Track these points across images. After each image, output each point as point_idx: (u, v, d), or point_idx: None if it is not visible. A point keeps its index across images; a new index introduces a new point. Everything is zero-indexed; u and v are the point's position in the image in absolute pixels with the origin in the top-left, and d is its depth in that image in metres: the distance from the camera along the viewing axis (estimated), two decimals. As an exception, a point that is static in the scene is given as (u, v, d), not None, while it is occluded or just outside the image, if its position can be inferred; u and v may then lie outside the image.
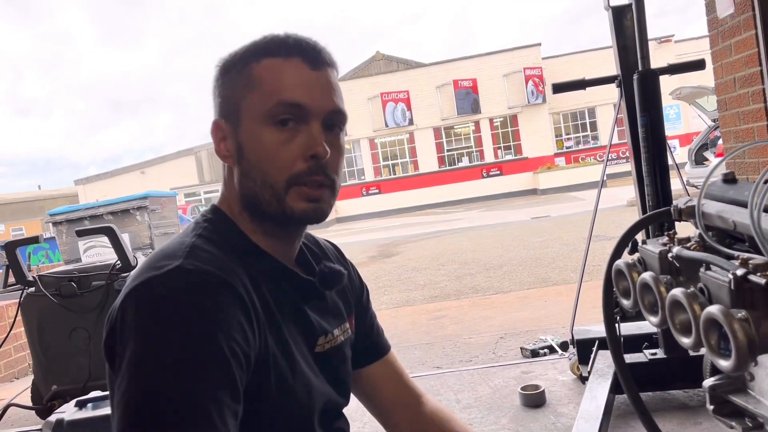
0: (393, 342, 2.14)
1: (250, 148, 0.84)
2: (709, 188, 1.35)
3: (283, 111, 0.82)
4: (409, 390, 1.11)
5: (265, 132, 0.83)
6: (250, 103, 0.84)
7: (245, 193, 0.86)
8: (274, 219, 0.86)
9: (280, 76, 0.83)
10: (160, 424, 0.66)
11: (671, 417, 2.32)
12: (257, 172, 0.83)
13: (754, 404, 1.33)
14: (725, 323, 0.95)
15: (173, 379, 0.68)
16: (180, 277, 0.75)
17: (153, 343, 0.71)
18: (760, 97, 2.92)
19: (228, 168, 0.89)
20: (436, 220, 16.59)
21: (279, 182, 0.83)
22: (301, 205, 0.84)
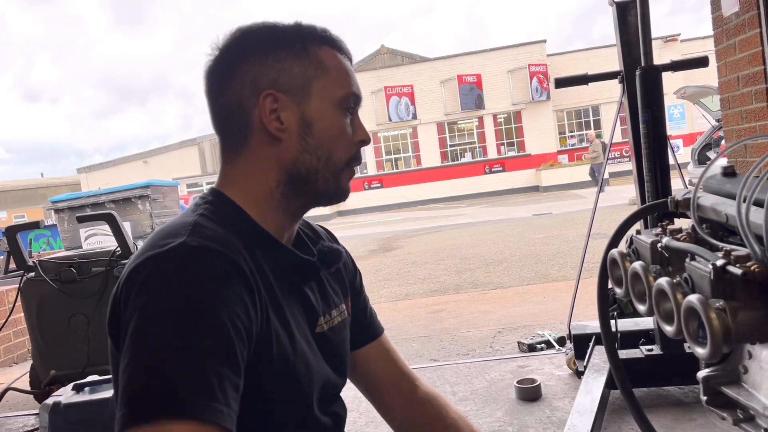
0: (391, 335, 2.16)
1: (321, 127, 0.89)
2: (707, 181, 1.35)
3: (351, 101, 0.91)
4: (403, 373, 1.12)
5: (336, 115, 0.90)
6: (324, 84, 0.89)
7: (300, 168, 0.89)
8: (324, 196, 0.92)
9: (345, 69, 0.92)
10: (162, 395, 0.67)
11: (666, 413, 2.33)
12: (325, 150, 0.89)
13: (746, 396, 1.33)
14: (702, 312, 0.95)
15: (175, 352, 0.69)
16: (184, 253, 0.76)
17: (156, 318, 0.72)
18: (763, 95, 2.92)
19: (263, 143, 0.89)
20: (437, 215, 16.59)
21: (341, 162, 0.91)
22: (347, 185, 0.94)
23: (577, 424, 1.99)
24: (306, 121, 0.88)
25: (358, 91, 0.93)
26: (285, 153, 0.89)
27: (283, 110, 0.88)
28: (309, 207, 0.95)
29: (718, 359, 1.18)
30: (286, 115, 0.88)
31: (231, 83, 0.89)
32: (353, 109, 0.93)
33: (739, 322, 0.95)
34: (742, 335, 0.96)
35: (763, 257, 0.92)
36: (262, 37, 0.90)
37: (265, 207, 0.90)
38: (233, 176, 0.92)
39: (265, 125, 0.88)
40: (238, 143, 0.91)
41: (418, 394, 1.10)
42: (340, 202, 0.96)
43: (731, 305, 0.95)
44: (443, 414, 1.09)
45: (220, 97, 0.91)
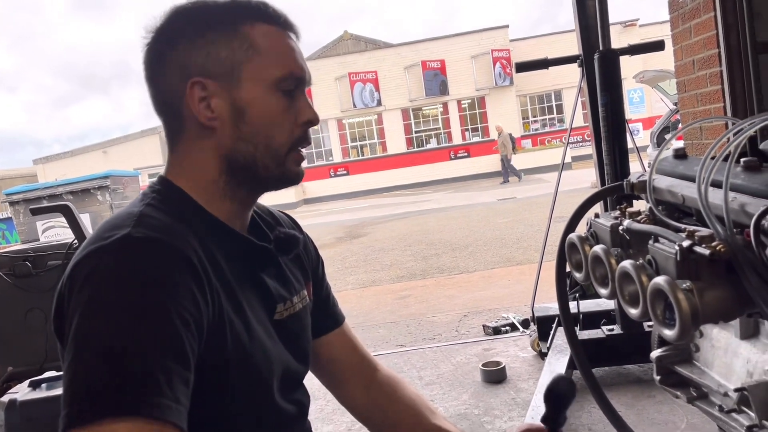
0: (357, 321, 2.12)
1: (255, 113, 0.84)
2: (661, 164, 1.37)
3: (291, 82, 0.85)
4: (364, 359, 1.12)
5: (273, 98, 0.84)
6: (256, 67, 0.84)
7: (238, 157, 0.86)
8: (270, 182, 0.89)
9: (283, 47, 0.86)
10: (106, 393, 0.65)
11: (626, 390, 2.39)
12: (261, 137, 0.85)
13: (698, 374, 1.37)
14: (670, 293, 0.97)
15: (120, 348, 0.67)
16: (128, 246, 0.74)
17: (99, 313, 0.69)
18: (718, 79, 2.98)
19: (197, 133, 0.86)
20: (404, 202, 16.62)
21: (283, 147, 0.86)
22: (296, 168, 0.89)
23: (540, 405, 2.02)
24: (238, 108, 0.84)
25: (299, 69, 0.87)
26: (221, 142, 0.85)
27: (214, 98, 0.84)
28: (258, 193, 0.93)
29: (687, 340, 1.21)
30: (217, 103, 0.84)
31: (162, 70, 0.86)
32: (296, 90, 0.88)
33: (706, 303, 0.95)
34: (710, 315, 0.97)
35: (726, 237, 0.94)
36: (192, 18, 0.85)
37: (212, 195, 0.88)
38: (178, 164, 0.89)
39: (196, 115, 0.84)
40: (175, 132, 0.88)
41: (378, 380, 1.10)
42: (291, 185, 0.93)
43: (698, 285, 0.95)
44: (402, 397, 1.09)
45: (154, 85, 0.87)
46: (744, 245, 0.90)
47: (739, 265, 0.92)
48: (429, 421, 1.05)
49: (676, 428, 2.04)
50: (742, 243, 0.90)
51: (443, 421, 1.07)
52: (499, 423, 2.27)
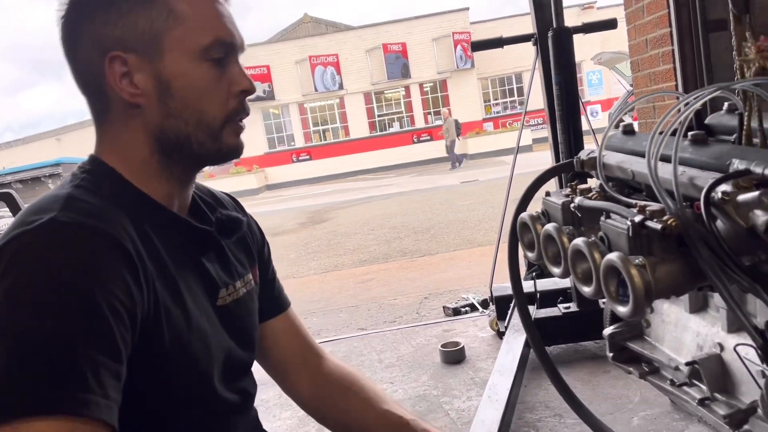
0: (319, 306, 2.07)
1: (182, 86, 0.79)
2: (610, 140, 1.37)
3: (219, 49, 0.80)
4: (311, 347, 1.08)
5: (200, 69, 0.79)
6: (179, 35, 0.78)
7: (168, 135, 0.81)
8: (207, 158, 0.84)
9: (207, 12, 0.80)
10: (29, 388, 0.61)
11: (582, 366, 2.42)
12: (192, 112, 0.80)
13: (650, 350, 1.38)
14: (623, 269, 0.96)
15: (43, 340, 0.63)
16: (54, 231, 0.69)
17: (21, 302, 0.65)
18: (669, 57, 3.01)
19: (123, 110, 0.81)
20: (367, 186, 16.58)
21: (217, 120, 0.81)
22: (234, 141, 0.84)
23: (497, 384, 2.03)
24: (163, 82, 0.79)
25: (228, 35, 0.81)
26: (148, 120, 0.80)
27: (136, 73, 0.78)
28: (196, 170, 0.88)
29: (641, 317, 1.21)
30: (140, 78, 0.79)
31: (80, 45, 0.80)
32: (227, 58, 0.82)
33: (658, 278, 0.95)
34: (662, 290, 0.97)
35: (677, 210, 0.93)
36: None
37: (146, 174, 0.83)
38: (108, 142, 0.84)
39: (118, 92, 0.79)
40: (101, 111, 0.83)
41: (324, 369, 1.07)
42: (231, 160, 0.88)
43: (650, 261, 0.95)
44: (349, 385, 1.06)
45: (72, 61, 0.81)
46: (694, 218, 0.89)
47: (690, 238, 0.91)
48: (378, 408, 1.03)
49: (630, 402, 2.07)
50: (692, 216, 0.90)
51: (394, 406, 1.04)
52: (458, 403, 2.27)
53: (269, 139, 23.31)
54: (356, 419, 1.04)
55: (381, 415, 1.02)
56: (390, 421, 1.01)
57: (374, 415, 1.02)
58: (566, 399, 1.48)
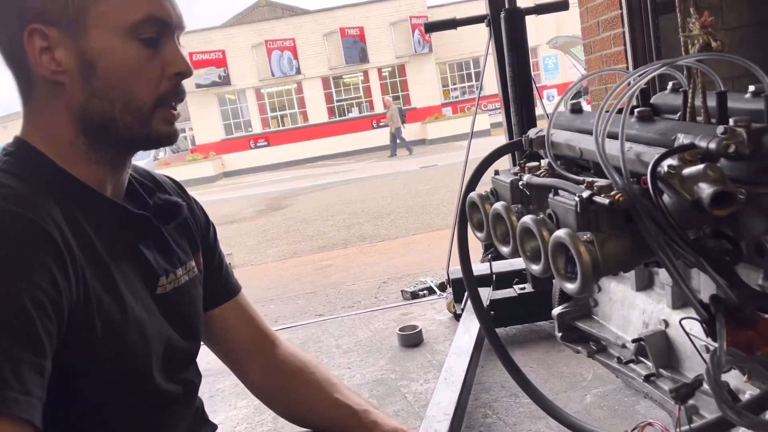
0: (276, 293, 2.01)
1: (108, 65, 0.74)
2: (558, 119, 1.36)
3: (151, 27, 0.75)
4: (263, 334, 1.05)
5: (129, 47, 0.74)
6: (103, 11, 0.73)
7: (93, 117, 0.76)
8: (136, 143, 0.79)
9: None
10: None
11: (538, 346, 2.44)
12: (118, 93, 0.75)
13: (597, 328, 1.39)
14: (571, 245, 0.95)
15: None
16: None
17: None
18: (620, 39, 3.04)
19: (46, 88, 0.76)
20: (326, 172, 16.47)
21: (147, 104, 0.77)
22: (166, 128, 0.79)
23: (453, 365, 2.03)
24: (87, 60, 0.74)
25: (162, 12, 0.76)
26: (72, 100, 0.75)
27: (57, 48, 0.73)
28: (128, 154, 0.83)
29: (588, 293, 1.21)
30: (62, 54, 0.73)
31: (2, 16, 0.74)
32: (161, 37, 0.77)
33: (606, 254, 0.94)
34: (610, 266, 0.97)
35: (624, 186, 0.93)
36: None
37: (75, 157, 0.78)
38: (33, 122, 0.79)
39: (39, 68, 0.74)
40: (25, 88, 0.78)
41: (277, 356, 1.04)
42: (163, 146, 0.84)
43: (598, 236, 0.94)
44: (302, 373, 1.03)
45: None
46: (641, 193, 0.89)
47: (637, 213, 0.91)
48: (331, 397, 1.01)
49: (584, 380, 2.10)
50: (639, 191, 0.89)
51: (346, 395, 1.02)
52: (415, 386, 2.27)
53: (226, 125, 22.90)
54: (307, 407, 1.02)
55: (332, 404, 1.00)
56: (340, 410, 0.99)
57: (325, 403, 1.01)
58: (516, 379, 1.49)
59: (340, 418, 0.98)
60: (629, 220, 0.93)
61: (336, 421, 0.99)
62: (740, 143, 0.84)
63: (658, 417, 1.18)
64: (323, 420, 1.00)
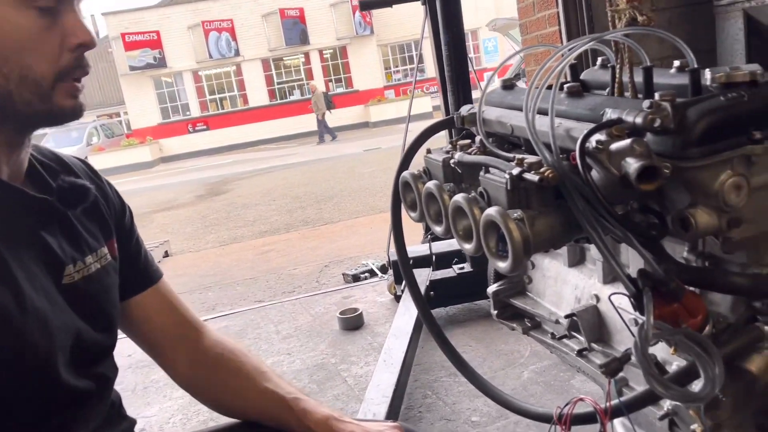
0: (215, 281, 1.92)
1: (1, 36, 0.68)
2: (490, 96, 1.34)
3: None
4: (188, 321, 1.00)
5: (23, 16, 0.69)
6: None
7: None
8: (36, 119, 0.73)
9: None
10: None
11: (477, 325, 2.46)
12: (13, 66, 0.69)
13: (532, 305, 1.39)
14: (501, 223, 0.94)
15: None
16: None
17: None
18: (555, 19, 3.07)
19: None
20: (268, 156, 16.21)
21: (47, 77, 0.72)
22: (70, 102, 0.74)
23: (393, 347, 2.02)
24: None
25: None
26: None
27: None
28: (26, 132, 0.76)
29: (519, 271, 1.20)
30: None
31: None
32: (60, 6, 0.71)
33: (537, 231, 0.94)
34: (541, 243, 0.96)
35: (554, 162, 0.92)
36: None
37: None
38: None
39: None
40: None
41: (203, 345, 0.99)
42: (67, 122, 0.77)
43: (528, 214, 0.93)
44: (229, 361, 0.99)
45: None
46: (570, 169, 0.88)
47: (567, 189, 0.90)
48: (259, 386, 0.96)
49: (522, 357, 2.13)
50: (568, 167, 0.88)
51: (277, 381, 0.98)
52: (356, 369, 2.25)
53: (162, 109, 22.17)
54: (234, 397, 0.98)
55: (260, 394, 0.96)
56: (270, 399, 0.95)
57: (253, 392, 0.96)
58: (451, 359, 1.49)
59: (270, 406, 0.95)
60: (559, 196, 0.92)
61: (265, 410, 0.95)
62: (665, 117, 0.83)
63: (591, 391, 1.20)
64: (252, 409, 0.97)
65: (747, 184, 0.84)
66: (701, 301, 0.87)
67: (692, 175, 0.83)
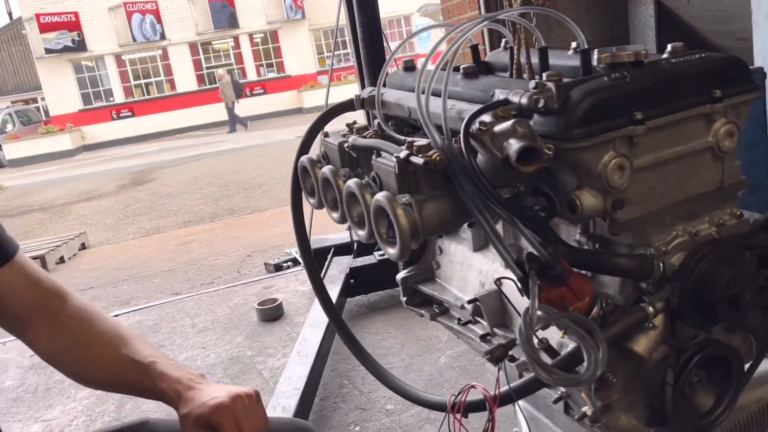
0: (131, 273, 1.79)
1: None
2: (392, 78, 1.31)
3: None
4: (48, 292, 0.95)
5: None
6: None
7: None
8: None
9: None
10: None
11: (397, 311, 2.45)
12: None
13: (440, 291, 1.37)
14: (389, 209, 0.91)
15: None
16: None
17: None
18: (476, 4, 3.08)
19: None
20: (197, 143, 15.73)
21: None
22: None
23: (308, 337, 1.97)
24: None
25: None
26: None
27: None
28: None
29: (408, 257, 1.17)
30: None
31: None
32: None
33: (426, 216, 0.91)
34: (430, 229, 0.93)
35: (443, 145, 0.89)
36: None
37: None
38: None
39: None
40: None
41: (65, 313, 0.94)
42: None
43: (417, 198, 0.91)
44: (89, 330, 0.94)
45: None
46: (459, 152, 0.85)
47: (454, 172, 0.88)
48: (119, 353, 0.92)
49: (439, 342, 2.13)
50: (457, 150, 0.86)
51: (137, 347, 0.94)
52: (272, 361, 2.20)
53: (83, 94, 21.13)
54: (92, 367, 0.95)
55: (118, 360, 0.92)
56: (127, 365, 0.92)
57: (111, 360, 0.93)
58: (350, 348, 1.46)
59: (126, 373, 0.92)
60: (450, 180, 0.90)
61: (122, 377, 0.93)
62: (549, 98, 0.81)
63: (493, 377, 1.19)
64: (109, 377, 0.95)
65: (630, 165, 0.83)
66: (588, 283, 0.86)
67: (576, 156, 0.81)
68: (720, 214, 0.94)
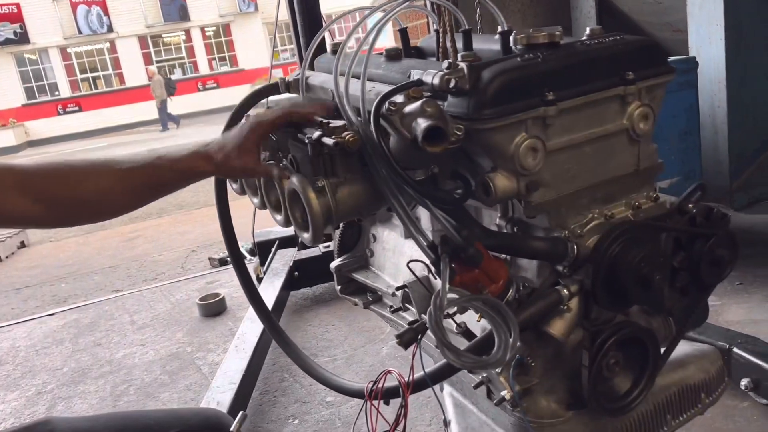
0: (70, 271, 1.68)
1: None
2: (319, 61, 1.29)
3: None
4: None
5: None
6: None
7: None
8: None
9: None
10: None
11: (342, 304, 2.43)
12: None
13: (372, 279, 1.36)
14: (301, 193, 0.88)
15: None
16: None
17: None
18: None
19: None
20: (148, 139, 15.36)
21: None
22: None
23: (246, 332, 1.93)
24: None
25: None
26: None
27: None
28: None
29: (321, 242, 1.16)
30: None
31: None
32: None
33: (340, 199, 0.89)
34: (345, 212, 0.92)
35: (358, 126, 0.87)
36: None
37: None
38: None
39: None
40: None
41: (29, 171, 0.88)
42: None
43: (332, 182, 0.89)
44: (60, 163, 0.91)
45: None
46: (375, 134, 0.84)
47: (368, 154, 0.86)
48: (115, 171, 0.92)
49: (382, 333, 2.12)
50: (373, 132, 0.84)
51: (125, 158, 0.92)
52: (212, 357, 2.15)
53: (27, 88, 20.34)
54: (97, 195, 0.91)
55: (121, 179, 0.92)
56: (134, 176, 0.92)
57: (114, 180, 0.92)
58: (275, 337, 1.45)
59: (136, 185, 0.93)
60: (366, 163, 0.88)
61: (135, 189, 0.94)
62: (461, 78, 0.80)
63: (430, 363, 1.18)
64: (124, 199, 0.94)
65: (543, 146, 0.82)
66: (503, 266, 0.85)
67: (488, 138, 0.80)
68: (636, 197, 0.94)
